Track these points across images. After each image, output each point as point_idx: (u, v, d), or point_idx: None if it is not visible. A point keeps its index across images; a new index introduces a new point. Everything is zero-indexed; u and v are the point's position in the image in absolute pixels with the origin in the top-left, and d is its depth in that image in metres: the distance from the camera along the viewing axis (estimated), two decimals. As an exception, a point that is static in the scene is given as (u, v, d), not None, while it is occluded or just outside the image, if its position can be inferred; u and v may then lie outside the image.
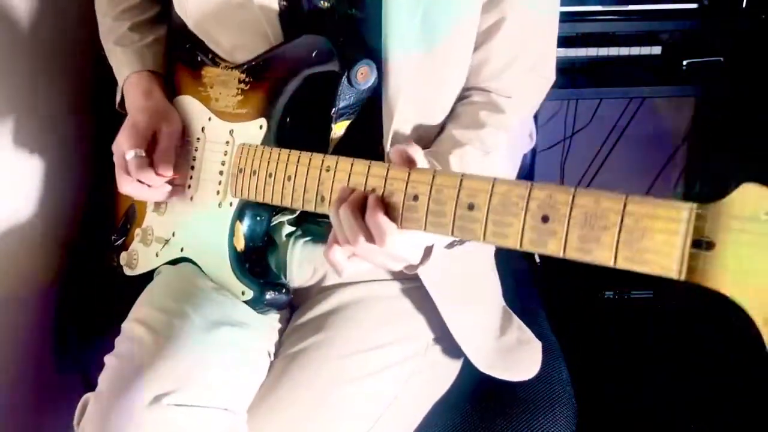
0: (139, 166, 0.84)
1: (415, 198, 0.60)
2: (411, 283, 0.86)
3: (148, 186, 0.86)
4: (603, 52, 1.50)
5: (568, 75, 1.49)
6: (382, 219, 0.61)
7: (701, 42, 1.51)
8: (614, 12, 1.48)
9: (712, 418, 1.46)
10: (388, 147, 0.80)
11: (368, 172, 0.64)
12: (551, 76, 0.89)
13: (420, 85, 0.78)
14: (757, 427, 1.43)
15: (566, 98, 1.74)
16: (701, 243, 0.43)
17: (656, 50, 1.50)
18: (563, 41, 1.46)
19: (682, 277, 0.44)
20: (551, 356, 0.99)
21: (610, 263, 0.48)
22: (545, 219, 0.51)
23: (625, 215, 0.47)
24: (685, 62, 1.49)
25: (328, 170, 0.68)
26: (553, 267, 1.97)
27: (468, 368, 0.88)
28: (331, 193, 0.68)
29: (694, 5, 1.46)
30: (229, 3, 0.82)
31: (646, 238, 0.46)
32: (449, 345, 0.86)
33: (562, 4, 0.89)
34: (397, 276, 0.86)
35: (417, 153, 0.62)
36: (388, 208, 0.62)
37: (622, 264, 0.47)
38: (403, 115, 0.78)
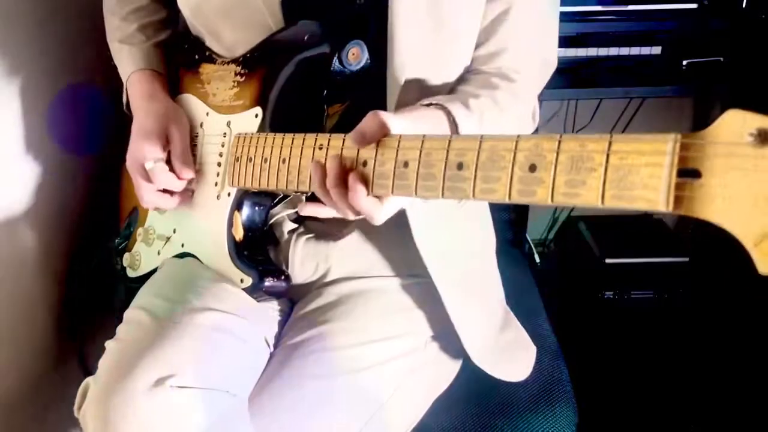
0: (161, 173, 0.84)
1: (405, 164, 0.60)
2: (412, 279, 0.86)
3: (170, 193, 0.86)
4: (603, 52, 1.50)
5: (568, 75, 1.49)
6: (365, 203, 0.62)
7: (701, 42, 1.51)
8: (614, 12, 1.48)
9: (712, 418, 1.47)
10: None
11: None
12: (554, 61, 0.89)
13: (426, 64, 0.78)
14: (756, 427, 1.43)
15: (566, 98, 1.74)
16: (687, 173, 0.43)
17: (656, 50, 1.51)
18: (563, 41, 1.46)
19: (670, 209, 0.44)
20: (551, 356, 0.99)
21: (598, 203, 0.47)
22: (533, 168, 0.51)
23: (610, 154, 0.47)
24: (685, 62, 1.49)
25: (321, 148, 0.68)
26: (553, 267, 1.98)
27: (469, 367, 0.88)
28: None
29: (694, 5, 1.47)
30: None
31: (632, 174, 0.45)
32: (449, 342, 0.86)
33: (562, 4, 0.89)
34: (399, 272, 0.86)
35: (389, 118, 0.62)
36: (375, 177, 0.62)
37: (610, 203, 0.47)
38: (408, 94, 0.78)
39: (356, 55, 0.78)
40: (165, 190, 0.87)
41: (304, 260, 0.89)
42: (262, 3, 0.81)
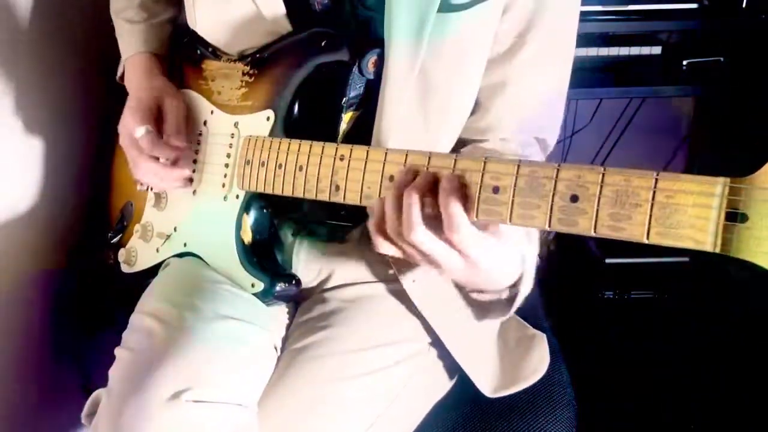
0: (150, 141, 0.83)
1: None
2: (414, 284, 0.86)
3: (162, 163, 0.85)
4: (603, 52, 1.50)
5: (568, 75, 1.49)
6: (455, 209, 0.56)
7: (701, 42, 1.51)
8: (614, 12, 1.48)
9: (712, 418, 1.46)
10: (382, 138, 0.78)
11: (385, 158, 0.64)
12: (552, 144, 0.88)
13: (421, 80, 0.78)
14: (757, 427, 1.43)
15: (566, 98, 1.74)
16: (735, 216, 0.44)
17: (656, 50, 1.51)
18: (563, 41, 1.46)
19: (717, 250, 0.45)
20: (551, 357, 0.99)
21: (643, 239, 0.48)
22: (574, 199, 0.52)
23: (657, 192, 0.48)
24: (685, 62, 1.49)
25: (342, 159, 0.68)
26: (553, 267, 1.97)
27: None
28: (346, 182, 0.67)
29: (694, 5, 1.47)
30: (240, 17, 0.82)
31: (679, 213, 0.47)
32: (450, 346, 0.86)
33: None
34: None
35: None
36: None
37: (655, 239, 0.48)
38: (404, 110, 0.77)
39: (375, 64, 0.78)
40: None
41: (308, 264, 0.89)
42: (271, 23, 0.81)
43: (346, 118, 0.81)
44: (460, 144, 0.84)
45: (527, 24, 0.78)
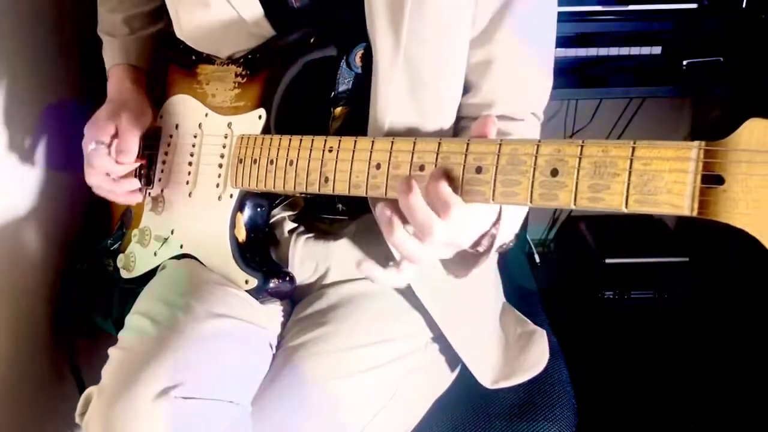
0: (97, 156, 0.85)
1: (422, 168, 0.61)
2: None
3: (113, 179, 0.87)
4: (603, 52, 1.50)
5: (568, 75, 1.49)
6: (445, 189, 0.58)
7: (701, 42, 1.51)
8: (614, 12, 1.48)
9: (712, 418, 1.47)
10: (377, 127, 0.78)
11: (372, 147, 0.65)
12: (541, 117, 0.88)
13: (406, 66, 0.76)
14: (757, 427, 1.43)
15: (566, 98, 1.74)
16: (711, 179, 0.44)
17: (656, 50, 1.51)
18: (563, 41, 1.46)
19: (694, 214, 0.45)
20: (551, 356, 0.99)
21: (622, 208, 0.49)
22: (554, 173, 0.52)
23: (634, 160, 0.48)
24: (685, 62, 1.49)
25: (330, 151, 0.69)
26: (553, 267, 1.98)
27: (468, 369, 0.87)
28: (335, 173, 0.68)
29: (694, 5, 1.47)
30: (222, 23, 0.83)
31: (656, 179, 0.47)
32: (449, 344, 0.86)
33: (562, 4, 0.88)
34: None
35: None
36: (389, 180, 0.62)
37: (634, 207, 0.48)
38: (395, 97, 0.77)
39: (363, 58, 0.78)
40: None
41: (304, 260, 0.89)
42: (253, 25, 0.82)
43: (336, 113, 0.81)
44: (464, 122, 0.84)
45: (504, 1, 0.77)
